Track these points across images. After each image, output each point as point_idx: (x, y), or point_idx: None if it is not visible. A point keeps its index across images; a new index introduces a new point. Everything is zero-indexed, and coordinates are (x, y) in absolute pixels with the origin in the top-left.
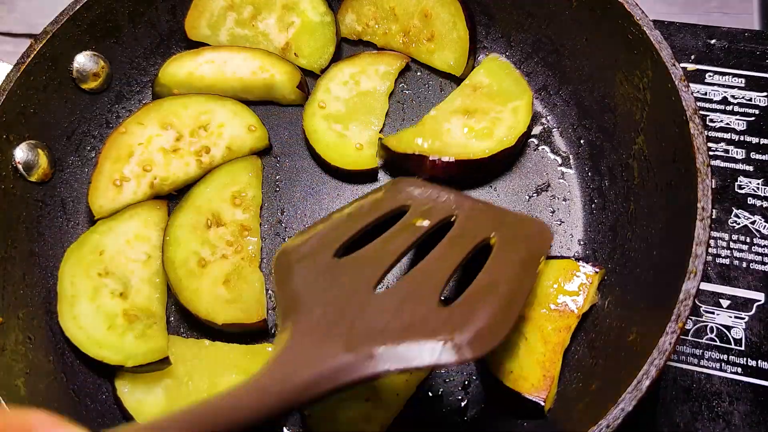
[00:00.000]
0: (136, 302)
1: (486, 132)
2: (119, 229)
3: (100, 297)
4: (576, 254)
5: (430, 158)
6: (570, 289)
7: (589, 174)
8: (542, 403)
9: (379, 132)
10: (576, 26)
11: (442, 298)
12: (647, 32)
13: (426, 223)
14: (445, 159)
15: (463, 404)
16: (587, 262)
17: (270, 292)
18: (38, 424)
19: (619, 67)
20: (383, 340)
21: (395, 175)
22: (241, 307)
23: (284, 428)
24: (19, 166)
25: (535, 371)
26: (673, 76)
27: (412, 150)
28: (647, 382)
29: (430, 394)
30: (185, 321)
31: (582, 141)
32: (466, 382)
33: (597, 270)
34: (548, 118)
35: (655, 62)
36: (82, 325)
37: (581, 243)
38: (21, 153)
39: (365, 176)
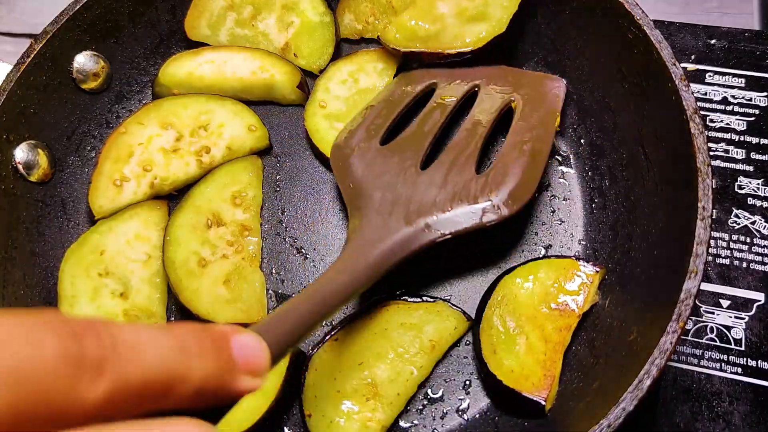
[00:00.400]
0: (136, 302)
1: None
2: (119, 229)
3: (101, 297)
4: (576, 254)
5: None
6: (570, 288)
7: (590, 174)
8: (543, 403)
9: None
10: (576, 26)
11: (478, 164)
12: (647, 32)
13: (454, 98)
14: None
15: (464, 404)
16: (588, 262)
17: (270, 292)
18: (229, 335)
19: (619, 66)
20: (435, 212)
21: None
22: (241, 308)
23: (285, 428)
24: (19, 167)
25: (535, 370)
26: (673, 75)
27: (414, 46)
28: (648, 382)
29: (431, 393)
30: (186, 321)
31: (582, 141)
32: (467, 382)
33: (597, 269)
34: None
35: (656, 62)
36: None
37: (581, 242)
38: (21, 153)
39: None
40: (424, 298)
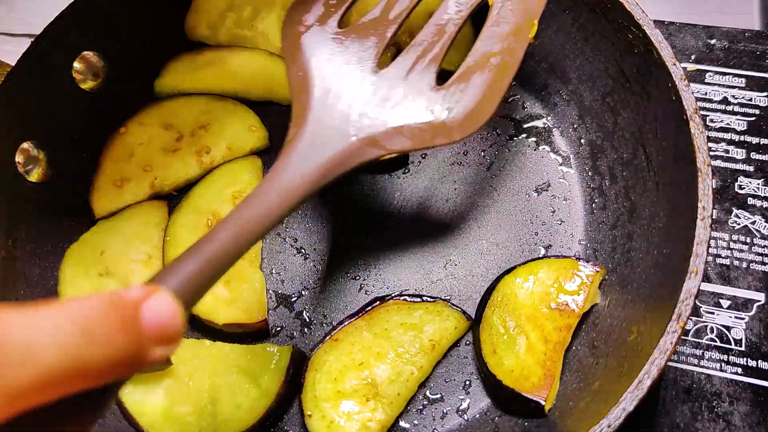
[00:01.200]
0: None
1: None
2: (120, 229)
3: None
4: (576, 254)
5: None
6: (570, 288)
7: (590, 174)
8: (543, 403)
9: None
10: (576, 26)
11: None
12: (647, 32)
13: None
14: None
15: (464, 404)
16: (588, 262)
17: (270, 292)
18: (136, 299)
19: (619, 66)
20: (383, 124)
21: None
22: (241, 307)
23: (285, 428)
24: (19, 167)
25: (535, 370)
26: (673, 75)
27: None
28: (648, 382)
29: (430, 394)
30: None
31: (582, 140)
32: (467, 382)
33: (597, 269)
34: (548, 117)
35: (656, 62)
36: None
37: (581, 242)
38: (21, 153)
39: (397, 163)
40: (424, 298)
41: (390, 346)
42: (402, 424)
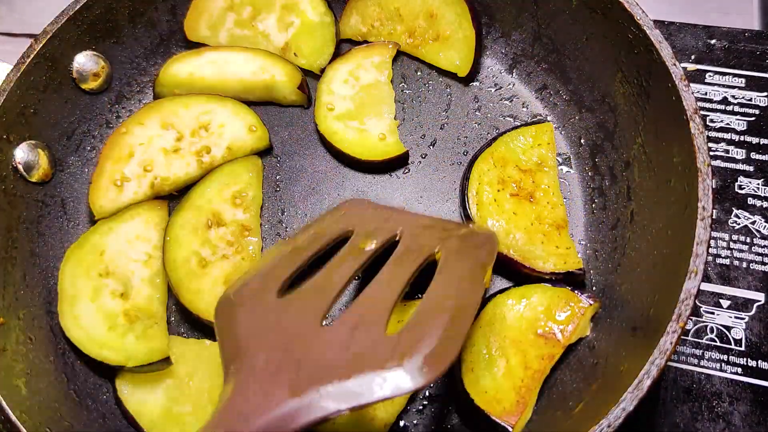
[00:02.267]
0: (136, 302)
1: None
2: (120, 229)
3: (101, 297)
4: (578, 254)
5: None
6: (560, 318)
7: (590, 174)
8: (510, 429)
9: (394, 118)
10: (576, 26)
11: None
12: (647, 32)
13: (371, 245)
14: None
15: None
16: (583, 294)
17: None
18: None
19: (619, 66)
20: (331, 379)
21: None
22: None
23: None
24: (20, 167)
25: (509, 395)
26: (673, 75)
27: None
28: (648, 382)
29: (430, 392)
30: (186, 321)
31: (582, 140)
32: None
33: (591, 302)
34: (548, 117)
35: (656, 62)
36: (83, 326)
37: (581, 242)
38: (21, 153)
39: (398, 162)
40: (417, 296)
41: None
42: (402, 423)
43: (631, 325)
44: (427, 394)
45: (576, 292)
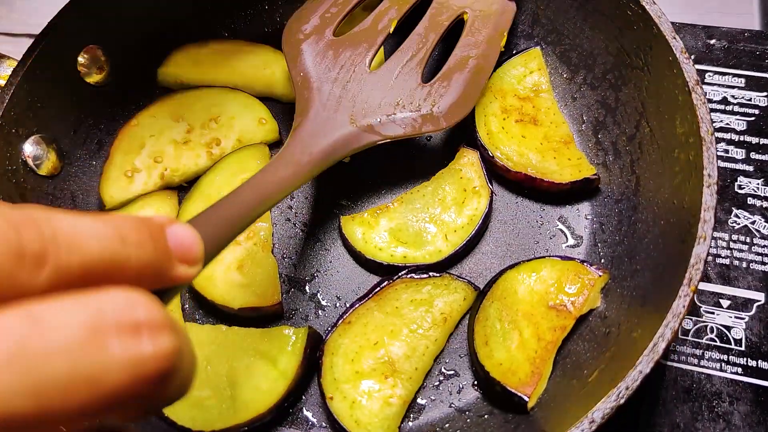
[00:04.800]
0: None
1: None
2: None
3: None
4: (585, 228)
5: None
6: (570, 290)
7: (593, 150)
8: (526, 399)
9: None
10: (575, 5)
11: (425, 73)
12: (647, 7)
13: (397, 19)
14: None
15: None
16: (592, 265)
17: (283, 276)
18: (163, 224)
19: (619, 43)
20: (379, 114)
21: None
22: (255, 291)
23: (304, 410)
24: (29, 160)
25: (524, 366)
26: (674, 48)
27: None
28: (663, 344)
29: (445, 369)
30: (200, 308)
31: (584, 117)
32: None
33: (600, 274)
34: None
35: (656, 36)
36: None
37: (587, 218)
38: (30, 147)
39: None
40: (431, 274)
41: (403, 323)
42: (419, 401)
43: (641, 293)
44: (442, 370)
45: (585, 264)
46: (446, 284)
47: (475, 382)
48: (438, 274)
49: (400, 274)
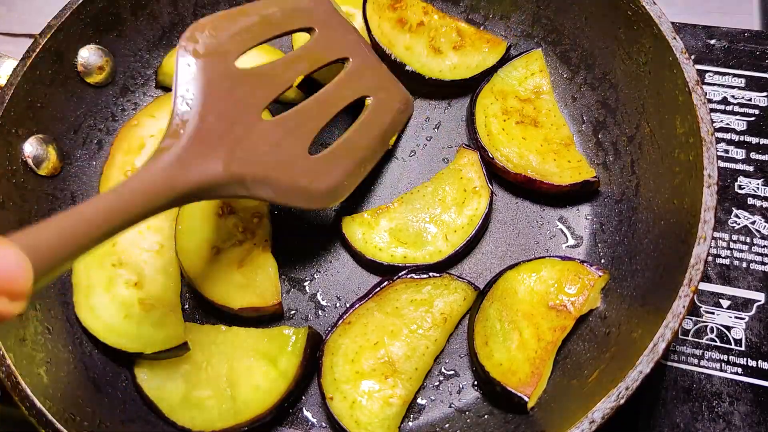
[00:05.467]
0: (151, 291)
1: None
2: None
3: (115, 287)
4: (585, 228)
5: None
6: (571, 290)
7: (594, 150)
8: (526, 399)
9: None
10: (575, 5)
11: (312, 142)
12: (647, 8)
13: (324, 59)
14: None
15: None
16: (592, 266)
17: (283, 276)
18: None
19: (619, 43)
20: (255, 171)
21: None
22: (256, 292)
23: (303, 410)
24: (29, 161)
25: (523, 367)
26: (674, 49)
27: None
28: (663, 345)
29: (445, 369)
30: (200, 308)
31: (584, 118)
32: None
33: (600, 274)
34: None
35: (656, 36)
36: (99, 315)
37: (588, 218)
38: (30, 147)
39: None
40: (431, 274)
41: (402, 323)
42: (419, 401)
43: (641, 293)
44: (442, 370)
45: (585, 264)
46: (446, 284)
47: (475, 383)
48: (438, 275)
49: (400, 274)
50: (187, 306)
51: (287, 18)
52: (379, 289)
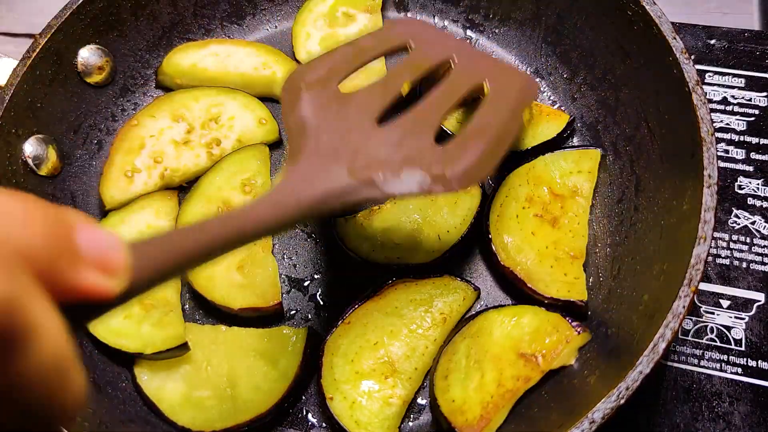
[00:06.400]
0: (151, 292)
1: None
2: (130, 219)
3: None
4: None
5: None
6: (545, 342)
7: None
8: None
9: None
10: (575, 5)
11: (437, 136)
12: (647, 7)
13: (429, 61)
14: None
15: None
16: (575, 322)
17: (283, 276)
18: (77, 221)
19: (619, 43)
20: (383, 170)
21: None
22: (256, 292)
23: (304, 410)
24: (29, 161)
25: (474, 409)
26: (674, 48)
27: None
28: (663, 345)
29: None
30: (200, 308)
31: (584, 118)
32: None
33: (580, 331)
34: (550, 96)
35: (656, 36)
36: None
37: (588, 220)
38: (30, 147)
39: None
40: (431, 275)
41: (402, 323)
42: (419, 401)
43: (641, 294)
44: None
45: (568, 319)
46: (446, 284)
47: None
48: (438, 275)
49: (400, 275)
50: (186, 306)
51: (381, 42)
52: (379, 289)
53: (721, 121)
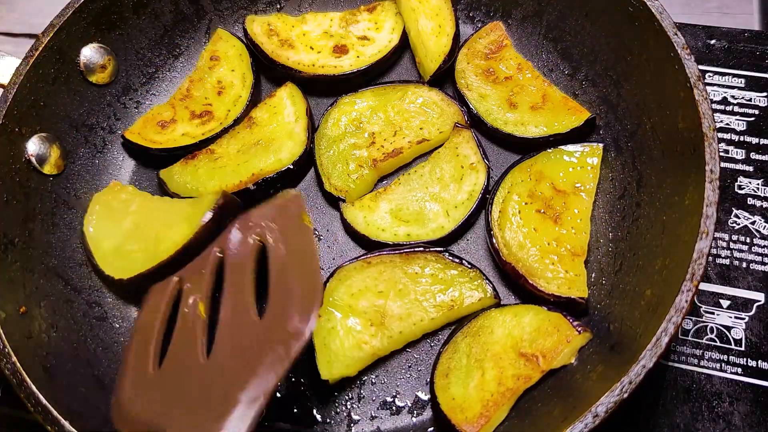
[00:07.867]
0: None
1: None
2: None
3: None
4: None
5: None
6: (546, 342)
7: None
8: None
9: None
10: (576, 1)
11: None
12: (648, 3)
13: (205, 303)
14: None
15: None
16: (576, 322)
17: None
18: None
19: (621, 39)
20: (239, 387)
21: None
22: None
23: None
24: (32, 159)
25: (474, 407)
26: (675, 44)
27: None
28: (666, 339)
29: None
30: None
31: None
32: None
33: (580, 331)
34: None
35: (657, 32)
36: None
37: (590, 216)
38: (33, 146)
39: None
40: (464, 262)
41: (413, 288)
42: (421, 396)
43: (643, 289)
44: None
45: (569, 319)
46: (472, 278)
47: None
48: (471, 266)
49: (436, 249)
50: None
51: (153, 310)
52: (412, 250)
53: (721, 121)
